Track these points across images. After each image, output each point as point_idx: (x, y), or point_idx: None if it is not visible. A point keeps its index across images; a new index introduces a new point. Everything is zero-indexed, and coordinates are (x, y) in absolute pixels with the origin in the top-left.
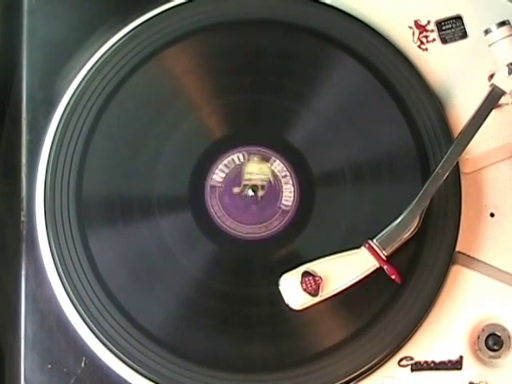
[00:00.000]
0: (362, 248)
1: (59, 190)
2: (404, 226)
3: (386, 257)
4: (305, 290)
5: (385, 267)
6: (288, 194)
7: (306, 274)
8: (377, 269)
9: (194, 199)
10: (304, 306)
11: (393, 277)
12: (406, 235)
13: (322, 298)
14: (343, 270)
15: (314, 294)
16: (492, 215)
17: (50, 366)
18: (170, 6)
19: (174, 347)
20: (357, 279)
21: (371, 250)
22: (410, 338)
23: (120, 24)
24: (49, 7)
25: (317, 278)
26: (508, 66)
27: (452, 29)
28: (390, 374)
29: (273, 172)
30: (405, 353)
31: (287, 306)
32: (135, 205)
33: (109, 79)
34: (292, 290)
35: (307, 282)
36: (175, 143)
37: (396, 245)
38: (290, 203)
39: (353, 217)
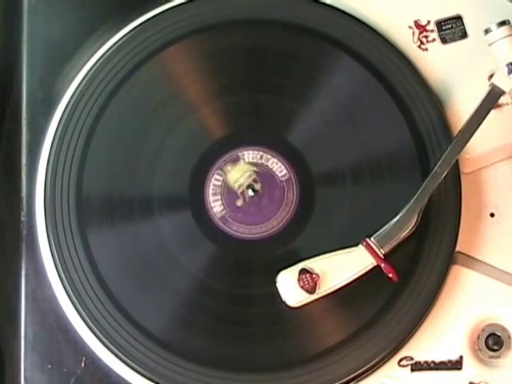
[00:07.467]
0: (360, 246)
1: (59, 190)
2: (402, 224)
3: (384, 255)
4: (302, 287)
5: (382, 265)
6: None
7: (303, 271)
8: (374, 267)
9: (194, 199)
10: (301, 304)
11: (390, 275)
12: (404, 234)
13: (319, 296)
14: (340, 267)
15: (311, 291)
16: (492, 215)
17: (50, 366)
18: (169, 6)
19: (173, 347)
20: (354, 277)
21: (369, 247)
22: (410, 338)
23: (120, 24)
24: (49, 7)
25: (314, 276)
26: (508, 65)
27: (452, 29)
28: (390, 374)
29: (251, 162)
30: (405, 353)
31: (284, 302)
32: (135, 205)
33: (109, 79)
34: (289, 287)
35: (304, 280)
36: (175, 143)
37: (394, 243)
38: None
39: (353, 217)
